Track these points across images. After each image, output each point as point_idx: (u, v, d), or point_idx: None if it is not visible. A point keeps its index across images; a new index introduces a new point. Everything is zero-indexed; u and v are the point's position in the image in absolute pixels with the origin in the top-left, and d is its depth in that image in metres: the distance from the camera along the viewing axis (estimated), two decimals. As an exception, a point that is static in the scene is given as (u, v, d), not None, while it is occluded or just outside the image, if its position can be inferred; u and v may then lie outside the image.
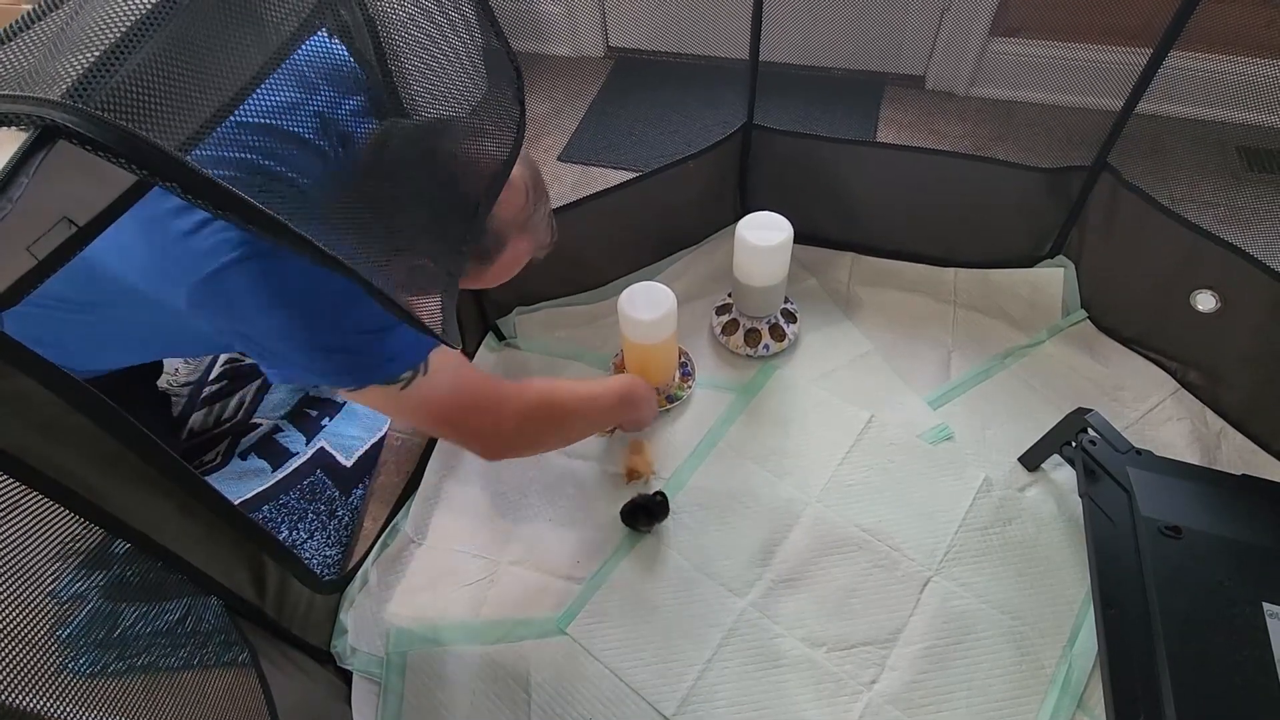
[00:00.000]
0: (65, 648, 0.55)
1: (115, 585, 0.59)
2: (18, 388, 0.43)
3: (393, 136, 0.58)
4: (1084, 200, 1.08)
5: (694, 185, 1.18)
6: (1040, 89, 1.55)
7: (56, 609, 0.54)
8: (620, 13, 1.75)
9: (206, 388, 1.13)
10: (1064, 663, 0.81)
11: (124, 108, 0.34)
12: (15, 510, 0.44)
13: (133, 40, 0.36)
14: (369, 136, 0.58)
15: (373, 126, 0.58)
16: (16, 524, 0.44)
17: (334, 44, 0.56)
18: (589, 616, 0.87)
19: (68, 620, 0.56)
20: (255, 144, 0.53)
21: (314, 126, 0.57)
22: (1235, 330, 0.97)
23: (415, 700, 0.82)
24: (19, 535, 0.44)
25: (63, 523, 0.48)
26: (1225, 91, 1.38)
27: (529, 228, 0.71)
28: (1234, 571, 0.75)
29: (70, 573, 0.54)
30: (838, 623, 0.85)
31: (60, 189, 0.37)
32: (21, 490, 0.45)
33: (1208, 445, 0.98)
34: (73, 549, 0.51)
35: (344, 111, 0.58)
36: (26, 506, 0.45)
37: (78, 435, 0.47)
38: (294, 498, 1.00)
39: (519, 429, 0.78)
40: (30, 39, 0.36)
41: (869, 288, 1.21)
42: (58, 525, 0.48)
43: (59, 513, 0.48)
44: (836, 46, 1.62)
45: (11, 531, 0.44)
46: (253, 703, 0.64)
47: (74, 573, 0.55)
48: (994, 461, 0.98)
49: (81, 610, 0.57)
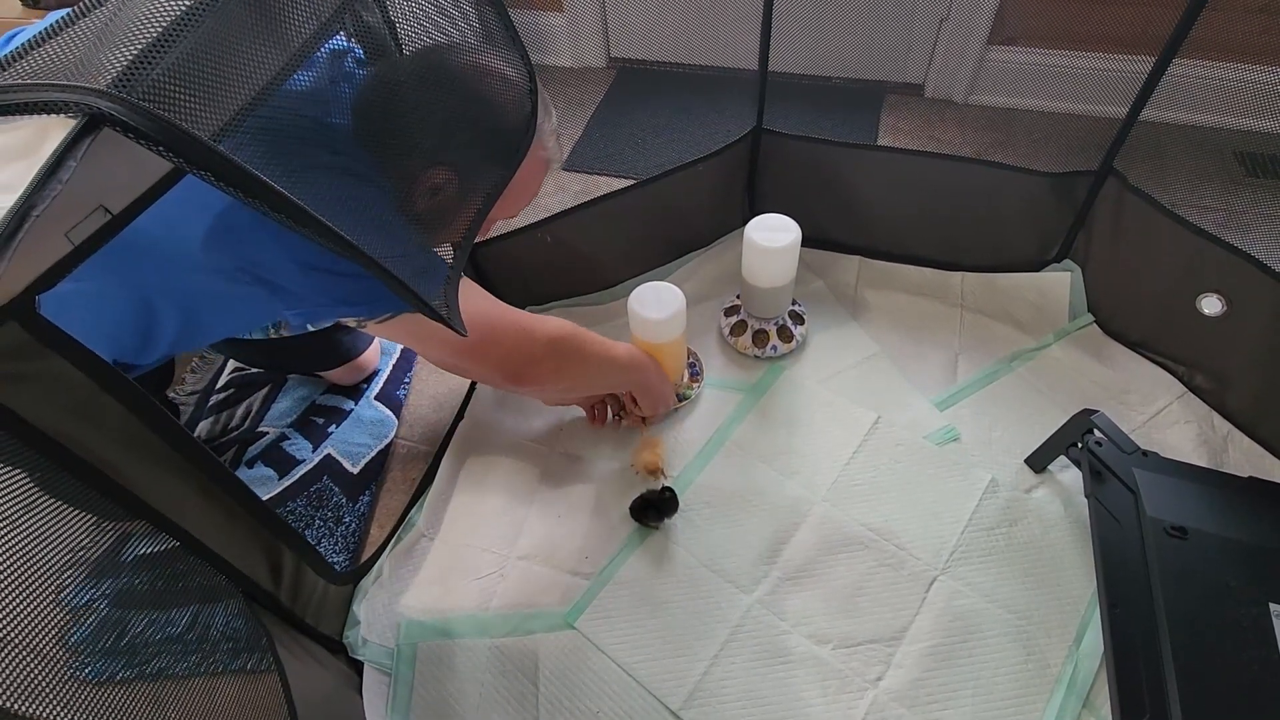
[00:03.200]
0: (73, 655, 0.55)
1: (124, 592, 0.59)
2: (52, 369, 0.45)
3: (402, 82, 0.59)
4: (1090, 205, 1.09)
5: (703, 188, 1.20)
6: (1038, 96, 1.56)
7: (65, 616, 0.55)
8: (622, 24, 1.77)
9: (213, 396, 1.15)
10: (1070, 662, 0.81)
11: (163, 99, 0.36)
12: (27, 514, 0.45)
13: (172, 36, 0.38)
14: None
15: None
16: (27, 529, 0.45)
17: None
18: (597, 611, 0.88)
19: (76, 627, 0.57)
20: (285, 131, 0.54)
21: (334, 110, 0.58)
22: (1242, 334, 0.97)
23: (425, 691, 0.83)
24: (28, 541, 0.45)
25: (72, 528, 0.49)
26: (1223, 97, 1.39)
27: (540, 135, 0.70)
28: (1240, 573, 0.75)
29: (79, 579, 0.55)
30: (844, 620, 0.85)
31: (98, 177, 0.39)
32: (32, 494, 0.46)
33: (1215, 449, 0.98)
34: (81, 556, 0.52)
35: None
36: (38, 511, 0.46)
37: (107, 417, 0.49)
38: (301, 504, 1.01)
39: (548, 354, 0.84)
40: (76, 33, 0.38)
41: (876, 290, 1.22)
42: (67, 530, 0.49)
43: (69, 517, 0.49)
44: (838, 56, 1.64)
45: (21, 537, 0.44)
46: (264, 704, 0.65)
47: (83, 579, 0.55)
48: (1000, 463, 0.98)
49: (90, 617, 0.58)
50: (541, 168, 0.76)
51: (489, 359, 0.80)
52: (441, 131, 0.60)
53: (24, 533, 0.45)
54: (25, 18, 1.59)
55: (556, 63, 1.83)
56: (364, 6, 0.57)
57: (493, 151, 0.64)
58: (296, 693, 0.66)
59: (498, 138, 0.63)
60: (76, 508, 0.50)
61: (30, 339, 0.43)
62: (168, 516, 0.56)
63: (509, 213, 0.80)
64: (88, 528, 0.52)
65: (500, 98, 0.63)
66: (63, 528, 0.49)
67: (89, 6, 0.40)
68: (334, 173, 0.53)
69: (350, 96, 0.57)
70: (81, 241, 0.41)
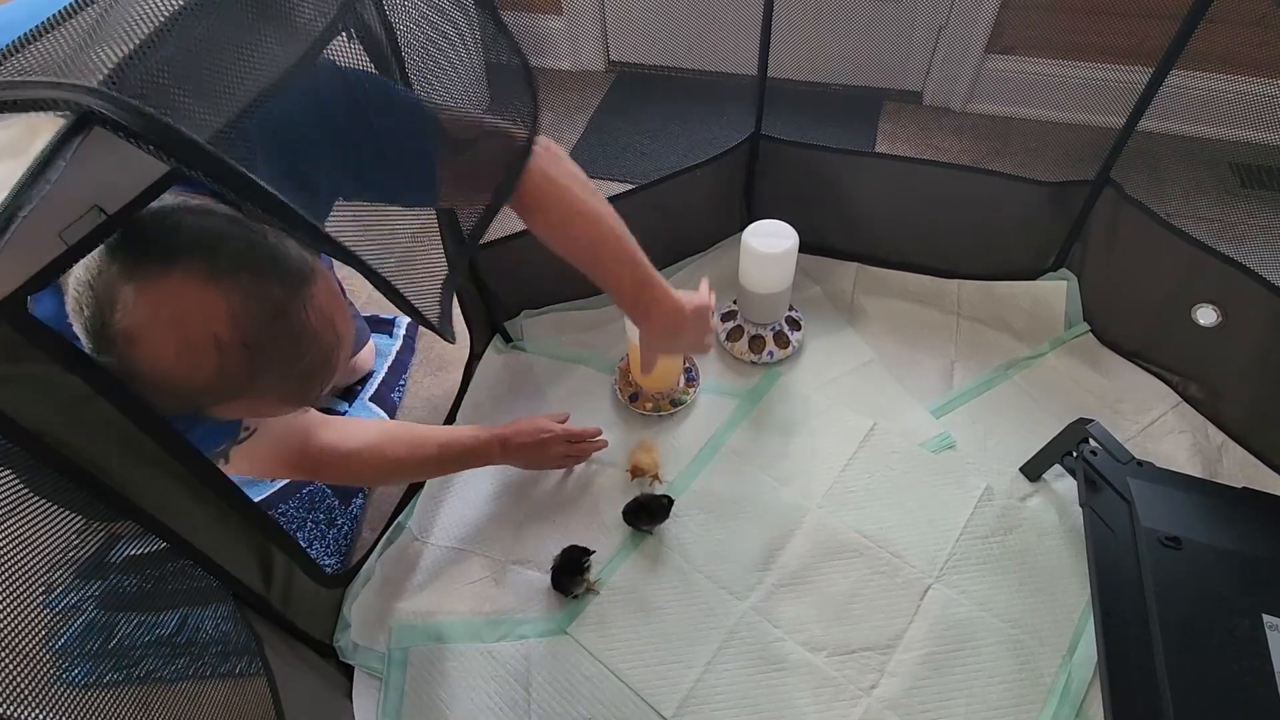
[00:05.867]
0: (60, 657, 0.55)
1: (112, 594, 0.59)
2: (42, 370, 0.44)
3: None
4: (1086, 214, 1.09)
5: (701, 193, 1.20)
6: (1036, 105, 1.57)
7: (51, 619, 0.54)
8: (621, 27, 1.77)
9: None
10: (1063, 672, 0.81)
11: (154, 97, 0.35)
12: (12, 516, 0.44)
13: (164, 35, 0.38)
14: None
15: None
16: (13, 531, 0.44)
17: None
18: (590, 617, 0.87)
19: (62, 630, 0.56)
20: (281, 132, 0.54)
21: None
22: (1237, 344, 0.97)
23: (416, 696, 0.83)
24: (14, 543, 0.44)
25: (60, 529, 0.48)
26: (1219, 109, 1.40)
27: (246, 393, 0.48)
28: (1234, 583, 0.75)
29: (66, 582, 0.54)
30: (838, 628, 0.85)
31: (92, 177, 0.39)
32: (19, 495, 0.45)
33: (1209, 459, 0.98)
34: (70, 556, 0.51)
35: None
36: (23, 512, 0.45)
37: (98, 419, 0.48)
38: (293, 506, 1.00)
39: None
40: (67, 32, 0.38)
41: (873, 297, 1.22)
42: (55, 532, 0.48)
43: (56, 519, 0.48)
44: (836, 62, 1.64)
45: (7, 539, 0.43)
46: (252, 708, 0.64)
47: (70, 582, 0.54)
48: (995, 471, 0.98)
49: (77, 620, 0.57)
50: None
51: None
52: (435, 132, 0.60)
53: (10, 534, 0.44)
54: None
55: (555, 66, 1.83)
56: (363, 7, 0.57)
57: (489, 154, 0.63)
58: (285, 697, 0.65)
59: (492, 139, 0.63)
60: (65, 508, 0.50)
61: (20, 340, 0.42)
62: (158, 518, 0.56)
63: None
64: (77, 528, 0.52)
65: (497, 91, 0.62)
66: (51, 529, 0.48)
67: (81, 4, 0.39)
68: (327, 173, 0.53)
69: (346, 97, 0.57)
70: (76, 242, 0.40)
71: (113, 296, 0.43)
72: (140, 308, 0.43)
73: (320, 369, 0.49)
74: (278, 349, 0.46)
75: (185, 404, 0.47)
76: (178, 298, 0.43)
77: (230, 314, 0.44)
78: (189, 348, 0.44)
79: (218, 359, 0.44)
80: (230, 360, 0.44)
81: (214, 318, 0.44)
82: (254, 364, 0.45)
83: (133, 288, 0.43)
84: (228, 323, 0.44)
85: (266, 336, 0.45)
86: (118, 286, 0.43)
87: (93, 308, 0.43)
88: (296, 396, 0.50)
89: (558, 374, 1.14)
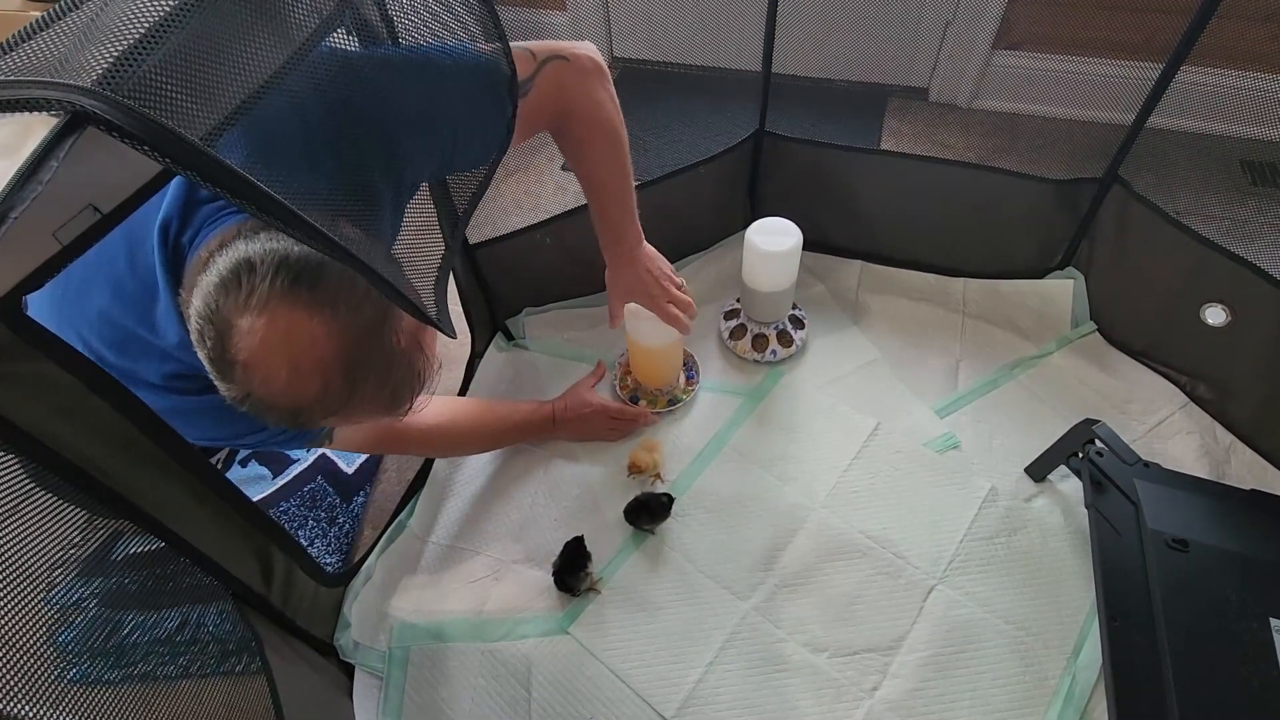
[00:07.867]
0: (61, 655, 0.55)
1: (114, 593, 0.59)
2: (38, 370, 0.44)
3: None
4: (1094, 212, 1.08)
5: (704, 190, 1.19)
6: (1043, 102, 1.55)
7: (54, 616, 0.54)
8: (625, 23, 1.76)
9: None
10: (1068, 674, 0.80)
11: (149, 97, 0.35)
12: (15, 515, 0.44)
13: (159, 34, 0.37)
14: None
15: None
16: (16, 528, 0.44)
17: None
18: (592, 616, 0.87)
19: (65, 627, 0.56)
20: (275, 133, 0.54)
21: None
22: (1246, 344, 0.96)
23: (416, 695, 0.83)
24: (17, 540, 0.44)
25: (61, 527, 0.48)
26: (1230, 106, 1.38)
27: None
28: (1241, 586, 0.75)
29: (69, 579, 0.54)
30: (840, 628, 0.85)
31: (87, 176, 0.39)
32: (21, 493, 0.45)
33: (1217, 460, 0.97)
34: (71, 555, 0.51)
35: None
36: (25, 511, 0.45)
37: (95, 419, 0.48)
38: (295, 504, 1.00)
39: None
40: (59, 31, 0.37)
41: (877, 295, 1.21)
42: (57, 530, 0.48)
43: (58, 516, 0.48)
44: (841, 58, 1.63)
45: (10, 536, 0.44)
46: (252, 707, 0.64)
47: (72, 579, 0.55)
48: (1000, 471, 0.98)
49: (79, 617, 0.57)
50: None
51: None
52: (431, 132, 0.59)
53: (9, 533, 0.44)
54: (24, 10, 1.58)
55: (559, 62, 1.82)
56: (362, 4, 0.56)
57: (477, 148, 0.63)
58: (285, 696, 0.65)
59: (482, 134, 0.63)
60: (69, 503, 0.50)
61: (16, 340, 0.42)
62: (156, 517, 0.55)
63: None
64: (79, 525, 0.52)
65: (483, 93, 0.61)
66: (50, 528, 0.48)
67: (74, 3, 0.39)
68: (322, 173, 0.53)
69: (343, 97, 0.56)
70: (71, 241, 0.40)
71: (229, 328, 0.46)
72: (253, 336, 0.46)
73: (408, 383, 0.53)
74: (373, 369, 0.50)
75: (291, 421, 0.50)
76: (287, 327, 0.47)
77: (331, 340, 0.47)
78: (297, 373, 0.47)
79: (322, 381, 0.48)
80: (333, 382, 0.48)
81: (319, 344, 0.47)
82: (353, 384, 0.49)
83: (247, 319, 0.46)
84: (330, 348, 0.47)
85: (363, 358, 0.49)
86: (233, 319, 0.46)
87: (214, 339, 0.47)
88: (388, 409, 0.53)
89: (559, 371, 1.14)
